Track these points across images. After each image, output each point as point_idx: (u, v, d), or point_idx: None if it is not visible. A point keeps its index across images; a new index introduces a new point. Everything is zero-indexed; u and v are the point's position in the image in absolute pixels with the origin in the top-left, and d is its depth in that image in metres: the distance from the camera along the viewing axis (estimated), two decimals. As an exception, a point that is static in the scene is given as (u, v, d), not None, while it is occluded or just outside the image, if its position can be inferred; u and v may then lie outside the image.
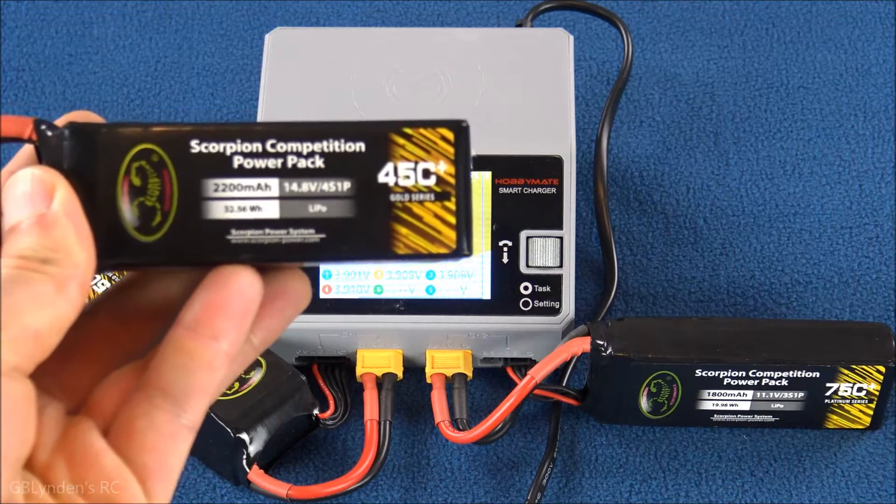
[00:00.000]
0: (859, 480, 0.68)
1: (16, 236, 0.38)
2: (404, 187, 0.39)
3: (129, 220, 0.39)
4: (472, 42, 0.73)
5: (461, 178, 0.39)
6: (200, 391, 0.38)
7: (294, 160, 0.39)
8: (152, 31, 0.85)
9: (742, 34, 0.85)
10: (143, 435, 0.38)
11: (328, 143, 0.39)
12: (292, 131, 0.39)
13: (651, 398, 0.67)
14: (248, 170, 0.39)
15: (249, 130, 0.39)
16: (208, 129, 0.39)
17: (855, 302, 0.74)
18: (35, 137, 0.39)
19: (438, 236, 0.39)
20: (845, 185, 0.79)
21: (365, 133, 0.39)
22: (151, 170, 0.39)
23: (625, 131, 0.81)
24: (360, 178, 0.39)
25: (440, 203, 0.39)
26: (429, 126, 0.39)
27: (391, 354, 0.70)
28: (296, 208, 0.39)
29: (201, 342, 0.38)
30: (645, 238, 0.76)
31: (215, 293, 0.38)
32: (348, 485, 0.66)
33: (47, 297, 0.36)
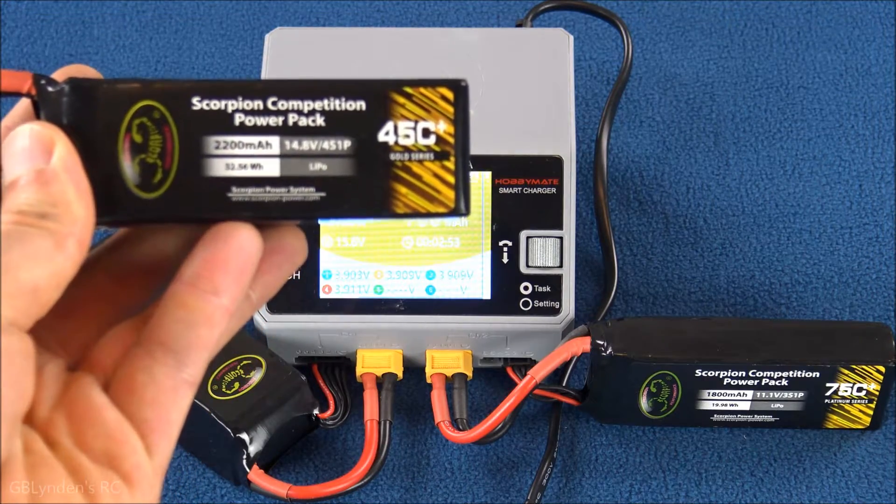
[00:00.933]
0: (859, 480, 0.68)
1: (14, 192, 0.38)
2: (404, 146, 0.39)
3: (130, 176, 0.39)
4: (472, 42, 0.73)
5: (460, 138, 0.40)
6: (201, 345, 0.38)
7: (295, 118, 0.39)
8: (152, 31, 0.85)
9: (742, 34, 0.85)
10: (143, 389, 0.38)
11: (329, 101, 0.39)
12: (293, 89, 0.39)
13: (651, 398, 0.67)
14: (249, 127, 0.39)
15: (250, 87, 0.39)
16: (210, 85, 0.39)
17: (855, 302, 0.74)
18: (34, 92, 0.39)
19: (437, 195, 0.39)
20: (845, 185, 0.79)
21: (365, 91, 0.39)
22: (153, 126, 0.39)
23: (625, 131, 0.81)
24: (361, 136, 0.39)
25: (439, 162, 0.39)
26: (429, 85, 0.40)
27: (391, 354, 0.70)
28: (296, 166, 0.39)
29: (202, 297, 0.38)
30: (645, 238, 0.76)
31: (215, 249, 0.39)
32: (348, 485, 0.66)
33: (46, 253, 0.36)
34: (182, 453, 0.69)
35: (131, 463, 0.37)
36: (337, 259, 0.68)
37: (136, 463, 0.37)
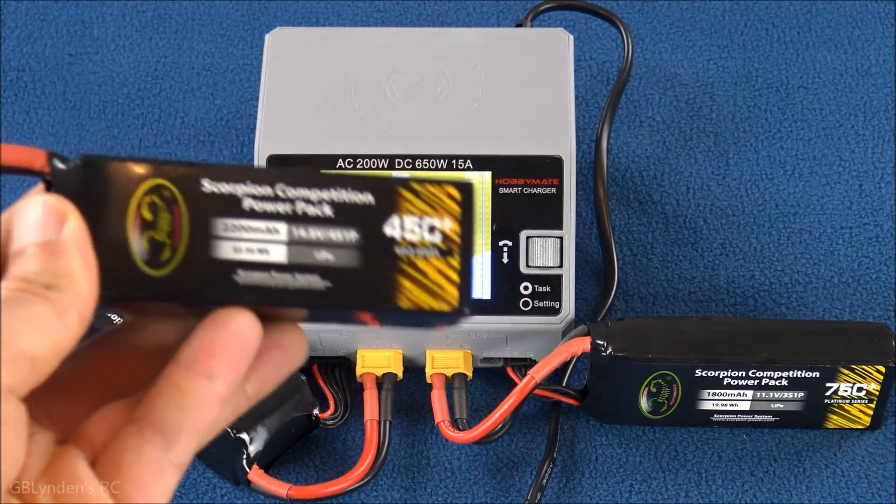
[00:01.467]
0: (859, 480, 0.68)
1: (22, 259, 0.38)
2: (410, 241, 0.40)
3: (139, 252, 0.39)
4: (472, 42, 0.73)
5: (465, 237, 0.40)
6: (191, 429, 0.38)
7: (303, 206, 0.39)
8: (152, 31, 0.85)
9: (742, 34, 0.85)
10: (129, 466, 0.38)
11: (337, 191, 0.40)
12: (303, 178, 0.40)
13: (651, 398, 0.67)
14: (258, 212, 0.39)
15: (260, 174, 0.39)
16: (221, 170, 0.39)
17: (855, 302, 0.74)
18: (47, 170, 0.39)
19: (441, 292, 0.40)
20: (845, 185, 0.79)
21: (374, 185, 0.40)
22: (163, 205, 0.39)
23: (625, 131, 0.81)
24: (367, 228, 0.39)
25: (444, 259, 0.40)
26: (436, 184, 0.40)
27: (391, 354, 0.70)
28: (303, 254, 0.39)
29: (196, 381, 0.38)
30: (645, 238, 0.76)
31: (214, 333, 0.39)
32: (348, 485, 0.66)
33: (47, 323, 0.36)
34: (182, 453, 0.69)
35: None
36: (337, 259, 0.68)
37: None
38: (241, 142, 0.81)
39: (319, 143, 0.69)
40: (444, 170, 0.69)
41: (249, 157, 0.79)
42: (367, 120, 0.70)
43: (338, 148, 0.69)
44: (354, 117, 0.70)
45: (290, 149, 0.69)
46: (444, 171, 0.69)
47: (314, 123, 0.70)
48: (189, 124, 0.81)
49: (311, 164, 0.40)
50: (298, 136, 0.69)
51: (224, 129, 0.81)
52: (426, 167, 0.69)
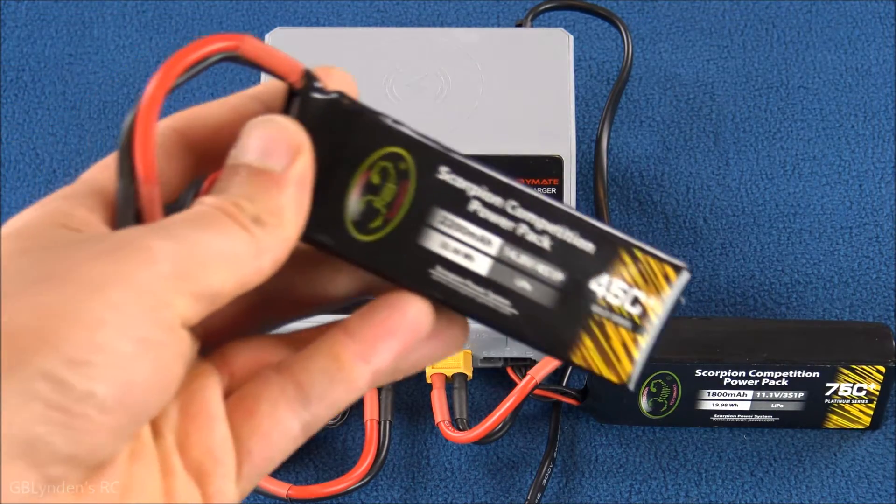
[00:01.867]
0: (859, 480, 0.68)
1: (238, 178, 0.36)
2: (610, 304, 0.39)
3: (352, 211, 0.38)
4: (472, 42, 0.73)
5: (661, 320, 0.39)
6: (332, 402, 0.37)
7: (525, 230, 0.39)
8: (152, 31, 0.85)
9: (742, 34, 0.85)
10: (261, 419, 0.36)
11: (563, 229, 0.39)
12: (537, 203, 0.39)
13: (651, 398, 0.67)
14: (480, 218, 0.39)
15: (500, 183, 0.39)
16: (463, 162, 0.39)
17: (855, 302, 0.74)
18: (300, 87, 0.38)
19: (616, 363, 0.39)
20: (845, 185, 0.79)
21: (601, 237, 0.39)
22: (394, 175, 0.38)
23: (625, 131, 0.81)
24: (575, 276, 0.39)
25: (633, 334, 0.39)
26: (658, 259, 0.39)
27: (391, 354, 0.70)
28: (505, 275, 0.39)
29: (355, 357, 0.37)
30: (645, 238, 0.76)
31: (390, 316, 0.37)
32: (348, 485, 0.66)
33: (242, 259, 0.35)
34: (182, 453, 0.69)
35: (218, 487, 0.36)
36: (337, 259, 0.68)
37: (223, 489, 0.36)
38: (241, 142, 0.81)
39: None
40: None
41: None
42: (367, 120, 0.70)
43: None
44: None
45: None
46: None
47: (314, 123, 0.70)
48: (189, 124, 0.81)
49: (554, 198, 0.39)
50: (298, 136, 0.69)
51: (224, 129, 0.81)
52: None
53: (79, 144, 0.80)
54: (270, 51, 0.38)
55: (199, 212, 0.35)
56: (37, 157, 0.80)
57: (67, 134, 0.81)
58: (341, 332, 0.38)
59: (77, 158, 0.80)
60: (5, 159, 0.79)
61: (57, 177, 0.79)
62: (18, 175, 0.79)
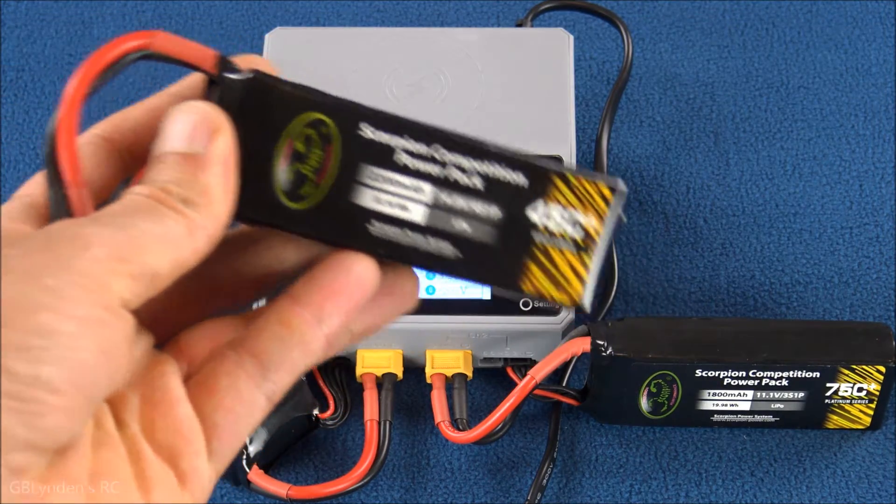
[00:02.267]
0: (859, 480, 0.68)
1: (163, 166, 0.37)
2: (550, 230, 0.39)
3: (281, 182, 0.38)
4: (472, 42, 0.73)
5: (605, 238, 0.40)
6: (290, 368, 0.38)
7: (455, 173, 0.39)
8: (152, 31, 0.85)
9: (742, 34, 0.85)
10: (223, 394, 0.37)
11: (492, 166, 0.39)
12: (462, 144, 0.39)
13: (651, 398, 0.67)
14: (409, 168, 0.39)
15: (422, 130, 0.39)
16: (383, 116, 0.39)
17: (855, 302, 0.74)
18: (215, 72, 0.38)
19: (566, 286, 0.39)
20: (845, 185, 0.79)
21: (531, 168, 0.39)
22: (318, 140, 0.39)
23: (625, 131, 0.81)
24: (512, 209, 0.39)
25: (578, 255, 0.39)
26: (591, 178, 0.39)
27: (391, 354, 0.70)
28: (442, 219, 0.39)
29: (305, 321, 0.38)
30: (645, 238, 0.76)
31: (334, 276, 0.38)
32: (348, 485, 0.66)
33: (176, 240, 0.36)
34: (182, 453, 0.69)
35: (190, 464, 0.36)
36: (337, 259, 0.68)
37: (195, 466, 0.36)
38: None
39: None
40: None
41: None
42: (367, 120, 0.70)
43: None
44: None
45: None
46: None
47: (314, 123, 0.70)
48: (189, 124, 0.81)
49: None
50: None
51: (224, 129, 0.81)
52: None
53: (79, 144, 0.80)
54: (182, 43, 0.39)
55: (129, 200, 0.36)
56: (37, 157, 0.80)
57: (67, 134, 0.81)
58: (288, 299, 0.38)
59: (77, 158, 0.80)
60: (5, 159, 0.79)
61: (57, 177, 0.79)
62: (18, 175, 0.79)
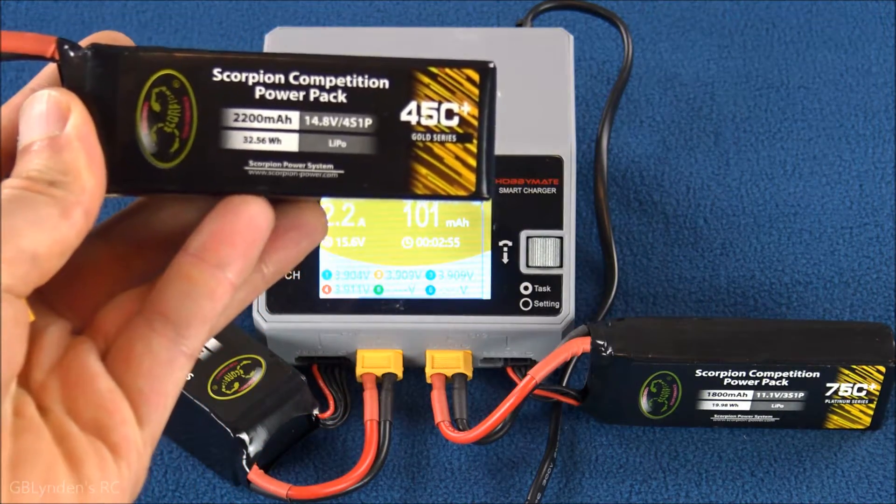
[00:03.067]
0: (859, 480, 0.68)
1: (27, 157, 0.37)
2: (426, 127, 0.39)
3: (147, 145, 0.38)
4: (472, 42, 0.73)
5: (485, 121, 0.39)
6: (202, 319, 0.38)
7: (316, 93, 0.39)
8: (152, 31, 0.85)
9: (742, 34, 0.85)
10: (140, 359, 0.38)
11: (352, 77, 0.39)
12: (317, 64, 0.39)
13: (651, 398, 0.67)
14: (270, 101, 0.39)
15: (273, 61, 0.39)
16: (232, 57, 0.39)
17: (855, 302, 0.74)
18: (57, 57, 0.38)
19: (458, 178, 0.39)
20: (845, 185, 0.79)
21: (390, 69, 0.39)
22: (172, 96, 0.39)
23: (625, 131, 0.81)
24: (382, 114, 0.39)
25: (462, 145, 0.39)
26: (455, 66, 0.39)
27: (391, 354, 0.70)
28: (315, 142, 0.39)
29: (206, 270, 0.38)
30: (645, 238, 0.76)
31: (224, 222, 0.38)
32: (348, 485, 0.66)
33: (50, 221, 0.36)
34: (182, 453, 0.69)
35: (120, 434, 0.37)
36: (337, 259, 0.68)
37: (125, 434, 0.37)
38: (241, 142, 0.81)
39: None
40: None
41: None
42: (367, 120, 0.70)
43: (338, 148, 0.69)
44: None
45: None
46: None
47: (314, 123, 0.70)
48: (189, 124, 0.81)
49: None
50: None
51: (224, 129, 0.81)
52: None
53: (79, 144, 0.80)
54: (16, 36, 0.39)
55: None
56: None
57: (67, 134, 0.81)
58: (186, 253, 0.38)
59: (77, 158, 0.80)
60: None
61: (57, 177, 0.79)
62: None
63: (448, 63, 0.39)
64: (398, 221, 0.68)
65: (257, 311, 0.68)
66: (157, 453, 0.69)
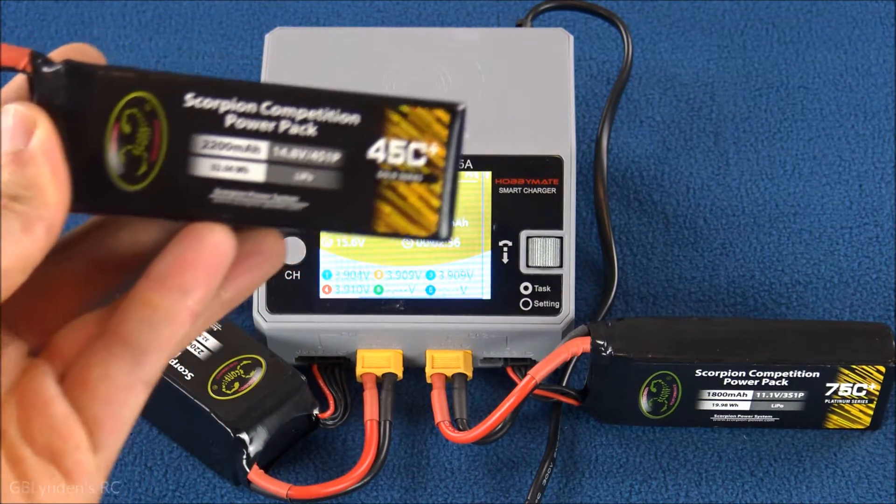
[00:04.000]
0: (859, 480, 0.68)
1: None
2: (393, 165, 0.39)
3: (114, 167, 0.38)
4: (472, 42, 0.73)
5: (451, 163, 0.39)
6: (161, 346, 0.38)
7: (287, 125, 0.39)
8: (152, 31, 0.85)
9: (742, 34, 0.85)
10: (96, 384, 0.37)
11: (323, 111, 0.39)
12: (289, 95, 0.39)
13: (651, 398, 0.67)
14: (240, 130, 0.38)
15: (246, 89, 0.39)
16: (205, 82, 0.39)
17: (855, 302, 0.74)
18: (29, 70, 0.38)
19: (420, 218, 0.39)
20: (845, 185, 0.79)
21: (361, 105, 0.39)
22: (143, 118, 0.38)
23: (625, 131, 0.81)
24: (350, 150, 0.39)
25: (427, 185, 0.39)
26: (426, 106, 0.39)
27: (391, 354, 0.70)
28: (282, 174, 0.39)
29: (167, 296, 0.38)
30: (645, 238, 0.76)
31: (187, 248, 0.38)
32: (348, 485, 0.66)
33: (12, 235, 0.36)
34: (182, 453, 0.69)
35: (74, 459, 0.37)
36: (337, 259, 0.68)
37: (79, 460, 0.37)
38: (241, 142, 0.81)
39: (319, 143, 0.69)
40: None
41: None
42: (367, 120, 0.70)
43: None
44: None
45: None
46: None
47: (314, 123, 0.70)
48: (189, 124, 0.81)
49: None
50: (298, 136, 0.69)
51: (224, 129, 0.81)
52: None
53: (79, 144, 0.80)
54: None
55: None
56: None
57: (67, 134, 0.81)
58: (146, 279, 0.38)
59: (77, 158, 0.80)
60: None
61: (57, 177, 0.79)
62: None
63: (420, 102, 0.39)
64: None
65: (257, 311, 0.68)
66: (157, 453, 0.69)
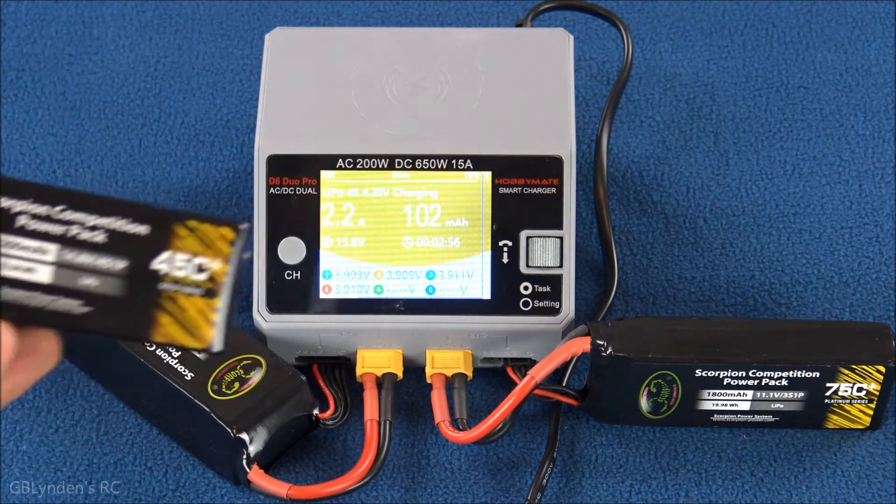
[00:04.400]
0: (859, 480, 0.68)
1: None
2: (176, 278, 0.40)
3: None
4: (472, 42, 0.73)
5: (231, 278, 0.40)
6: None
7: (77, 231, 0.39)
8: (152, 31, 0.85)
9: (742, 34, 0.85)
10: None
11: (114, 220, 0.40)
12: (83, 202, 0.39)
13: (651, 398, 0.67)
14: (30, 231, 0.39)
15: (42, 192, 0.39)
16: (2, 181, 0.39)
17: (855, 302, 0.74)
18: None
19: (196, 331, 0.40)
20: (845, 185, 0.79)
21: (151, 218, 0.40)
22: None
23: (625, 131, 0.81)
24: (136, 260, 0.40)
25: (206, 300, 0.40)
26: (213, 223, 0.40)
27: (391, 354, 0.70)
28: (68, 277, 0.39)
29: None
30: (645, 238, 0.76)
31: None
32: (348, 485, 0.66)
33: None
34: (182, 453, 0.69)
35: None
36: (337, 259, 0.68)
37: None
38: (240, 142, 0.81)
39: (319, 143, 0.69)
40: (443, 170, 0.69)
41: (249, 157, 0.79)
42: (367, 120, 0.70)
43: (337, 148, 0.69)
44: (354, 117, 0.70)
45: (290, 149, 0.69)
46: (444, 170, 0.69)
47: (314, 123, 0.70)
48: (189, 124, 0.81)
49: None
50: (298, 136, 0.69)
51: (224, 129, 0.81)
52: (426, 167, 0.69)
53: (79, 144, 0.80)
54: None
55: None
56: (37, 157, 0.80)
57: (67, 134, 0.81)
58: None
59: (77, 158, 0.80)
60: (5, 159, 0.79)
61: (57, 177, 0.79)
62: (18, 175, 0.79)
63: (207, 219, 0.40)
64: (398, 221, 0.68)
65: (257, 310, 0.68)
66: (157, 453, 0.69)
